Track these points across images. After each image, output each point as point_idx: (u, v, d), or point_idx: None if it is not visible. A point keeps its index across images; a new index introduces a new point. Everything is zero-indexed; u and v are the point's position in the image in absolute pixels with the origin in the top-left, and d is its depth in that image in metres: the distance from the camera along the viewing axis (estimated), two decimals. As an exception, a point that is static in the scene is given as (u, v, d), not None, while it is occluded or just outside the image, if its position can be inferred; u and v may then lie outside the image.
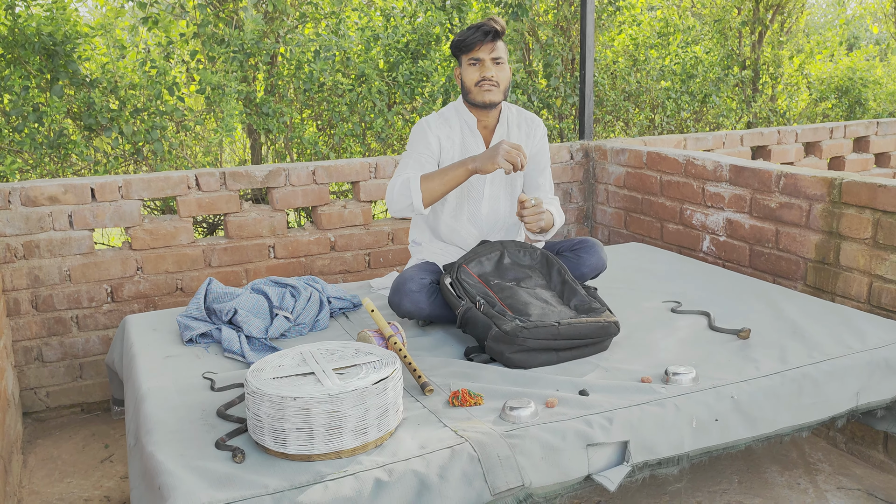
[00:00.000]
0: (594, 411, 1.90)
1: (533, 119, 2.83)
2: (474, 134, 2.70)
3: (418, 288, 2.49)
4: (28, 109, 4.18)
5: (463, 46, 2.59)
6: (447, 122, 2.71)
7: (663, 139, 4.32)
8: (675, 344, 2.35)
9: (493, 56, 2.59)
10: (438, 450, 1.72)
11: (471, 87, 2.62)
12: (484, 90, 2.60)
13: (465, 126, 2.71)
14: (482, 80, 2.59)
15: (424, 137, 2.66)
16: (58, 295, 3.17)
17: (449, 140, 2.69)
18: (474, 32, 2.57)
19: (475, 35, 2.57)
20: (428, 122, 2.70)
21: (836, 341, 2.30)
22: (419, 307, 2.48)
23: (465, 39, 2.58)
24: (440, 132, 2.68)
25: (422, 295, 2.48)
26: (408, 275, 2.55)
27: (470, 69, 2.61)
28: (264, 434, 1.71)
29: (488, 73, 2.58)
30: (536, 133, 2.81)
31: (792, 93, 7.75)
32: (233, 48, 4.66)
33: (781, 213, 3.01)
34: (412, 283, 2.50)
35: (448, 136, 2.69)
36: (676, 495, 2.49)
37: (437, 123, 2.70)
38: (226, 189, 3.38)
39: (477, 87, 2.60)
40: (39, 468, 2.87)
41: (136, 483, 1.85)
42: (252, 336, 2.44)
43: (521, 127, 2.79)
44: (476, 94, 2.62)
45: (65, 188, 3.12)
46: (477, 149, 2.69)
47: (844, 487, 2.53)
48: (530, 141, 2.79)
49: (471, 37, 2.57)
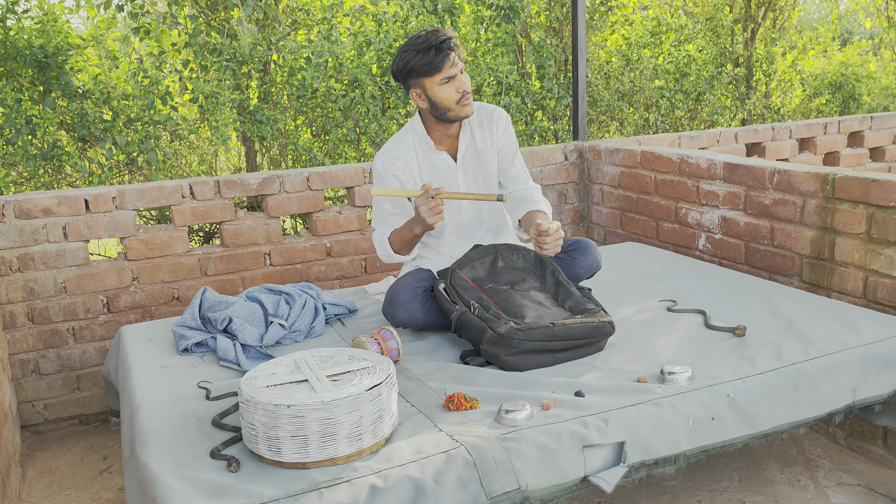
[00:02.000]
0: (590, 412, 1.89)
1: (491, 113, 2.72)
2: (437, 152, 2.64)
3: (411, 297, 2.48)
4: (21, 122, 4.18)
5: (430, 70, 2.45)
6: (403, 149, 2.64)
7: (657, 138, 4.32)
8: (671, 343, 2.34)
9: (461, 67, 2.50)
10: (434, 454, 1.71)
11: (451, 106, 2.51)
12: (465, 104, 2.52)
13: (426, 147, 2.65)
14: (463, 96, 2.50)
15: (382, 183, 2.64)
16: (54, 307, 3.17)
17: (406, 170, 2.63)
18: (436, 53, 2.44)
19: (439, 56, 2.44)
20: (382, 163, 2.63)
21: (832, 337, 2.30)
22: (413, 317, 2.47)
23: (429, 63, 2.44)
24: (395, 168, 2.62)
25: (415, 304, 2.47)
26: (400, 284, 2.53)
27: (444, 88, 2.48)
28: (259, 442, 1.71)
29: (465, 87, 2.50)
30: (498, 126, 2.70)
31: (786, 89, 7.76)
32: (225, 57, 4.66)
33: (776, 210, 3.01)
34: (405, 292, 2.49)
35: (404, 166, 2.63)
36: (677, 495, 2.49)
37: (390, 160, 2.63)
38: (220, 197, 3.38)
39: (458, 105, 2.52)
40: (38, 481, 2.86)
41: (131, 494, 1.85)
42: (247, 344, 2.43)
43: (482, 125, 2.70)
44: (459, 111, 2.53)
45: (59, 200, 3.11)
46: (445, 165, 2.65)
47: (845, 483, 2.53)
48: (493, 137, 2.70)
49: (435, 59, 2.44)
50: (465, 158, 2.68)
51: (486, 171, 2.71)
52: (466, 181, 2.68)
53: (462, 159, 2.67)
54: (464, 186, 2.67)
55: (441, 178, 2.65)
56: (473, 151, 2.69)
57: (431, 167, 2.65)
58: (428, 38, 2.44)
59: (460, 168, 2.67)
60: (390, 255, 2.66)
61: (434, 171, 2.65)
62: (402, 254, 2.65)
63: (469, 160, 2.69)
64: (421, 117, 2.65)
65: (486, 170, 2.71)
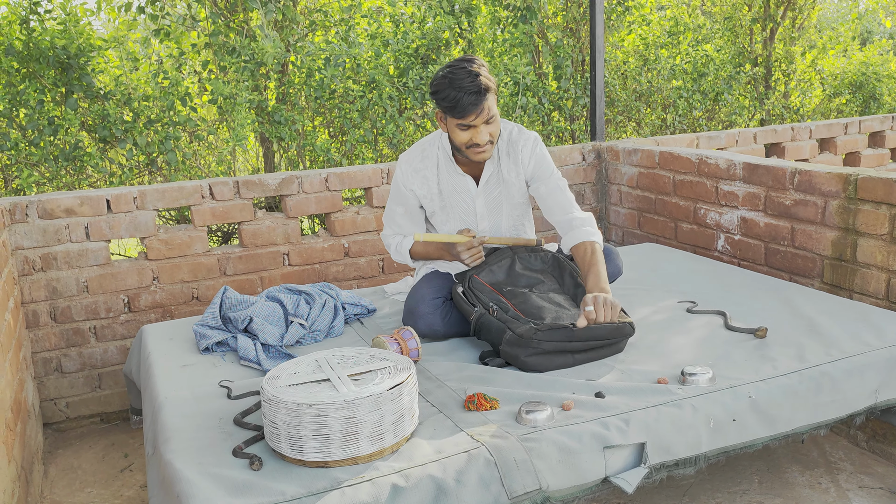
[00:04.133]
0: (610, 413, 1.89)
1: (515, 142, 2.57)
2: (461, 174, 2.58)
3: (431, 310, 2.47)
4: (44, 123, 4.23)
5: (453, 112, 2.33)
6: (426, 164, 2.58)
7: (675, 139, 4.30)
8: (691, 344, 2.33)
9: (486, 118, 2.35)
10: (455, 454, 1.72)
11: (462, 149, 2.43)
12: (477, 153, 2.42)
13: (450, 166, 2.57)
14: (475, 146, 2.40)
15: (399, 193, 2.62)
16: (76, 306, 3.20)
17: (425, 186, 2.58)
18: (465, 96, 2.27)
19: (467, 100, 2.28)
20: (402, 173, 2.58)
21: (855, 338, 2.28)
22: (434, 329, 2.47)
23: (456, 105, 2.30)
24: (413, 182, 2.57)
25: (435, 317, 2.47)
26: (419, 296, 2.52)
27: (459, 131, 2.38)
28: (281, 441, 1.72)
29: (481, 139, 2.37)
30: (523, 155, 2.57)
31: (805, 89, 7.69)
32: (244, 58, 4.69)
33: (797, 211, 2.99)
34: (424, 305, 2.48)
35: (423, 183, 2.57)
36: (696, 496, 2.48)
37: (411, 173, 2.57)
38: (239, 198, 3.40)
39: (469, 150, 2.42)
40: (60, 478, 2.89)
41: (154, 491, 1.87)
42: (267, 344, 2.45)
43: (509, 154, 2.59)
44: (470, 155, 2.44)
45: (81, 200, 3.15)
46: (465, 189, 2.58)
47: (867, 486, 2.51)
48: (518, 168, 2.59)
49: (462, 101, 2.28)
50: (487, 185, 2.60)
51: (511, 201, 2.64)
52: (487, 207, 2.62)
53: (485, 185, 2.60)
54: (482, 212, 2.62)
55: (459, 199, 2.61)
56: (498, 179, 2.60)
57: (452, 187, 2.60)
58: (466, 80, 2.28)
59: (481, 194, 2.60)
60: (406, 260, 2.73)
61: (454, 192, 2.60)
62: (421, 261, 2.76)
63: (492, 187, 2.61)
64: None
65: (511, 200, 2.64)
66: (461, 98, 2.29)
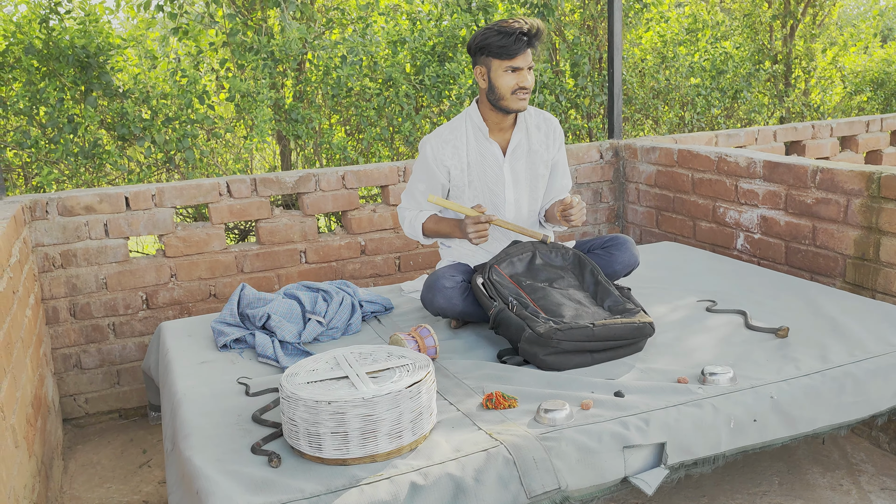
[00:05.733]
0: (630, 413, 1.88)
1: (550, 120, 2.76)
2: (489, 141, 2.65)
3: (452, 285, 2.49)
4: (63, 121, 4.26)
5: (503, 53, 2.46)
6: (455, 135, 2.65)
7: (694, 136, 4.26)
8: (711, 344, 2.31)
9: (530, 64, 2.52)
10: (473, 453, 1.71)
11: (506, 94, 2.52)
12: (520, 98, 2.54)
13: (479, 134, 2.65)
14: (520, 89, 2.52)
15: (427, 169, 2.65)
16: (95, 303, 3.22)
17: (455, 157, 2.63)
18: (516, 40, 2.44)
19: (518, 43, 2.44)
20: (432, 148, 2.63)
21: (878, 338, 2.25)
22: (452, 303, 2.47)
23: (506, 46, 2.45)
24: (444, 154, 2.62)
25: (455, 292, 2.48)
26: (440, 273, 2.55)
27: (506, 76, 2.50)
28: (299, 438, 1.72)
29: (527, 83, 2.51)
30: (557, 137, 2.75)
31: (826, 86, 7.60)
32: (262, 55, 4.70)
33: (818, 209, 2.96)
34: (445, 279, 2.50)
35: (454, 153, 2.63)
36: (715, 497, 2.45)
37: (440, 144, 2.63)
38: (257, 195, 3.41)
39: (513, 95, 2.53)
40: (79, 473, 2.91)
41: (173, 488, 1.87)
42: (285, 341, 2.45)
43: (539, 128, 2.73)
44: (511, 102, 2.54)
45: (100, 197, 3.17)
46: (493, 156, 2.65)
47: (889, 489, 2.47)
48: (550, 142, 2.74)
49: (514, 45, 2.44)
50: (514, 153, 2.67)
51: (534, 173, 2.70)
52: (513, 176, 2.67)
53: (511, 153, 2.67)
54: (509, 180, 2.67)
55: (487, 168, 2.66)
56: (525, 149, 2.69)
57: (480, 156, 2.65)
58: (515, 24, 2.45)
59: (507, 162, 2.67)
60: (418, 235, 2.73)
61: (482, 160, 2.65)
62: (432, 239, 2.75)
63: (519, 157, 2.68)
64: (477, 104, 2.65)
65: (535, 171, 2.70)
66: (511, 37, 2.43)
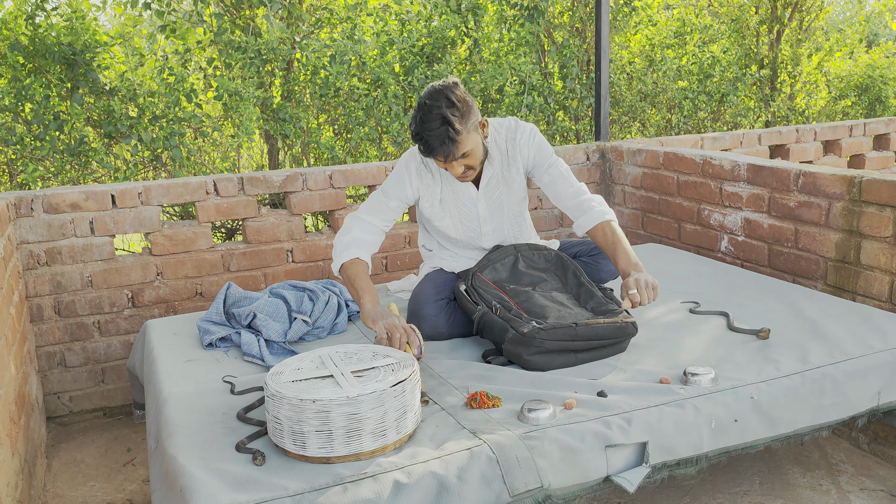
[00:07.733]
0: (613, 412, 1.89)
1: (511, 139, 2.57)
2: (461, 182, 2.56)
3: (436, 312, 2.47)
4: (49, 118, 4.24)
5: (425, 153, 2.37)
6: (432, 167, 2.56)
7: (680, 139, 4.30)
8: (693, 345, 2.33)
9: (458, 156, 2.36)
10: (457, 452, 1.72)
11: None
12: (462, 178, 2.47)
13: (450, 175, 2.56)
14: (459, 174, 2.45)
15: (400, 185, 2.54)
16: (80, 301, 3.21)
17: (429, 190, 2.56)
18: (434, 143, 2.30)
19: (437, 147, 2.32)
20: (408, 169, 2.55)
21: (858, 340, 2.28)
22: (438, 331, 2.47)
23: (426, 149, 2.34)
24: (422, 181, 2.56)
25: (440, 319, 2.46)
26: (423, 297, 2.51)
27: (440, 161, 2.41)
28: (284, 437, 1.72)
29: (456, 172, 2.42)
30: (521, 147, 2.56)
31: (811, 91, 7.68)
32: (250, 54, 4.70)
33: (800, 213, 2.99)
34: (428, 307, 2.47)
35: (429, 186, 2.56)
36: (697, 497, 2.48)
37: (416, 176, 2.55)
38: (244, 194, 3.41)
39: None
40: (63, 472, 2.90)
41: (157, 486, 1.87)
42: (271, 340, 2.45)
43: (508, 152, 2.58)
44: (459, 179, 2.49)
45: (86, 195, 3.16)
46: (466, 194, 2.57)
47: (867, 489, 2.50)
48: (519, 163, 2.58)
49: (432, 147, 2.32)
50: (488, 187, 2.59)
51: (511, 199, 2.63)
52: (489, 208, 2.61)
53: (485, 188, 2.59)
54: (485, 215, 2.61)
55: (461, 206, 2.60)
56: (499, 180, 2.60)
57: (453, 194, 2.59)
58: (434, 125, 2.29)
59: (482, 197, 2.60)
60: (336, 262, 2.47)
61: (455, 198, 2.59)
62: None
63: (493, 188, 2.60)
64: None
65: (512, 197, 2.63)
66: (430, 144, 2.31)
